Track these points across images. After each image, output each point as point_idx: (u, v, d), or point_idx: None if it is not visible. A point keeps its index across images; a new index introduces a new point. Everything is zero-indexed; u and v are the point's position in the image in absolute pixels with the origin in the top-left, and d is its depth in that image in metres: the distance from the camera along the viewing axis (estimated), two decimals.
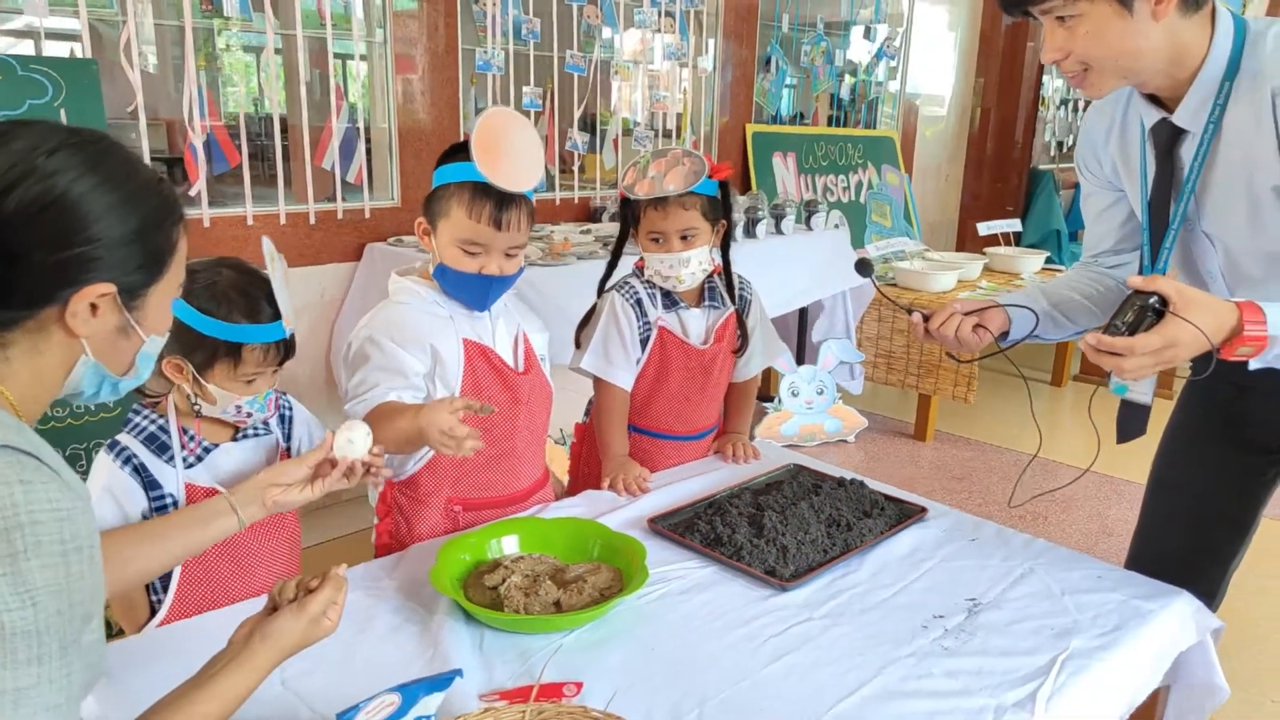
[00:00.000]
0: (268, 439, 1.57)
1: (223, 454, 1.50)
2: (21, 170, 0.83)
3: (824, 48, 5.21)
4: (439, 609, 1.40)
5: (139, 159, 0.93)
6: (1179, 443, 1.77)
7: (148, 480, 1.43)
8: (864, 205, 5.44)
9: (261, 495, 1.35)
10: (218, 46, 4.21)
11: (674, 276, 1.94)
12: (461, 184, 1.61)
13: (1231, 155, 1.40)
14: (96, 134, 0.91)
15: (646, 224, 1.93)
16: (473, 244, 1.62)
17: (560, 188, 4.16)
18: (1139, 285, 1.27)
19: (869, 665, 1.29)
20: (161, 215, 0.93)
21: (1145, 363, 1.26)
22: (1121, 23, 1.31)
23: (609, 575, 1.48)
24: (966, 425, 4.52)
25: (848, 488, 1.82)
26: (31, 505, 0.77)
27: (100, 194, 0.87)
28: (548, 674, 1.25)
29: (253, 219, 3.15)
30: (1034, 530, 3.39)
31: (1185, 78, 1.39)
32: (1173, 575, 1.55)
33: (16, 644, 0.76)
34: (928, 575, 1.55)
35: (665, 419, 2.07)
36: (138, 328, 0.94)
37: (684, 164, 1.88)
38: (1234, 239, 1.47)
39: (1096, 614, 1.43)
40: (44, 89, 2.52)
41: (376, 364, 1.64)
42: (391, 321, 1.67)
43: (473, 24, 3.67)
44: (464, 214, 1.61)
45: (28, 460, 0.79)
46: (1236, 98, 1.36)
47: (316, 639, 1.07)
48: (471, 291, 1.68)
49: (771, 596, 1.47)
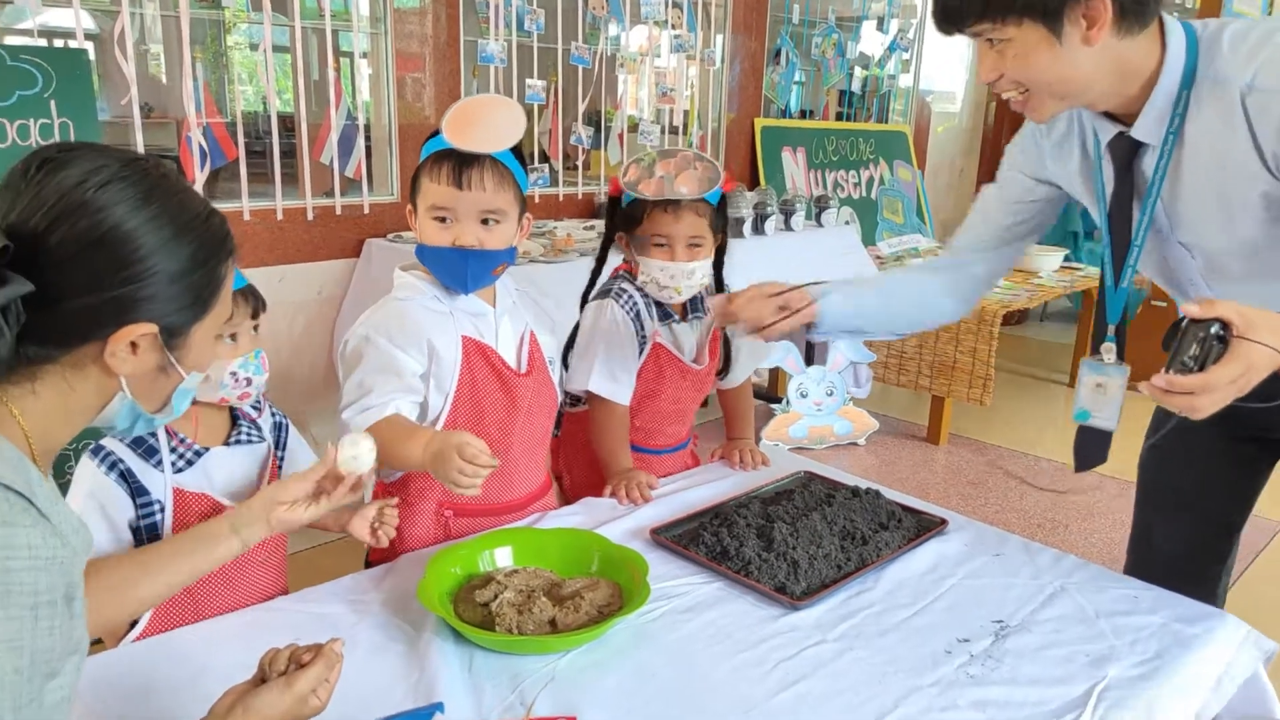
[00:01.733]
0: (260, 446, 1.50)
1: (214, 459, 1.42)
2: (70, 203, 0.79)
3: (835, 40, 5.11)
4: (427, 626, 1.32)
5: (191, 189, 0.90)
6: (1165, 439, 1.72)
7: (135, 486, 1.35)
8: (875, 201, 5.34)
9: (266, 515, 1.27)
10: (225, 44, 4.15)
11: (672, 287, 1.84)
12: (430, 155, 1.56)
13: (1199, 163, 1.35)
14: (150, 164, 0.86)
15: (651, 226, 1.82)
16: (438, 209, 1.55)
17: (564, 183, 4.07)
18: (1197, 313, 1.17)
19: (888, 695, 1.19)
20: (210, 252, 0.89)
21: (1222, 396, 1.16)
22: (1050, 49, 1.28)
23: (608, 591, 1.40)
24: (982, 428, 4.41)
25: (863, 498, 1.72)
26: (6, 550, 0.71)
27: (150, 231, 0.83)
28: (540, 703, 1.16)
29: (249, 214, 3.08)
30: (1055, 539, 3.28)
31: (1136, 93, 1.34)
32: (1174, 579, 1.51)
33: None
34: (950, 594, 1.45)
35: (649, 434, 1.99)
36: (178, 366, 0.90)
37: (696, 168, 1.79)
38: (1213, 244, 1.42)
39: (1135, 639, 1.33)
40: (34, 79, 2.45)
41: (372, 365, 1.57)
42: (389, 319, 1.59)
43: (475, 15, 3.59)
44: (428, 179, 1.55)
45: (16, 500, 0.74)
46: (1198, 105, 1.32)
47: (302, 719, 0.99)
48: (448, 267, 1.58)
49: (781, 616, 1.37)
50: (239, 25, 3.39)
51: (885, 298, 1.74)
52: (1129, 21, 1.28)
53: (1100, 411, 1.47)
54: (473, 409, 1.63)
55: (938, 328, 1.92)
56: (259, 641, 1.12)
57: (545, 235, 3.48)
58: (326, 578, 1.47)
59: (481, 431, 1.63)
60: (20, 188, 0.80)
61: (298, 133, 3.16)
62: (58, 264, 0.79)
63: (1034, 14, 1.26)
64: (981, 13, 1.29)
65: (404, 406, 1.55)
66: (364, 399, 1.54)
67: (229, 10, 3.08)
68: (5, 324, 0.76)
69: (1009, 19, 1.27)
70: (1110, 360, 1.46)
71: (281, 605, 1.40)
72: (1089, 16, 1.26)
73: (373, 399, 1.54)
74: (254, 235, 3.10)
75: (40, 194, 0.79)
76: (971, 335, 4.02)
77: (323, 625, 1.32)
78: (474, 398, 1.62)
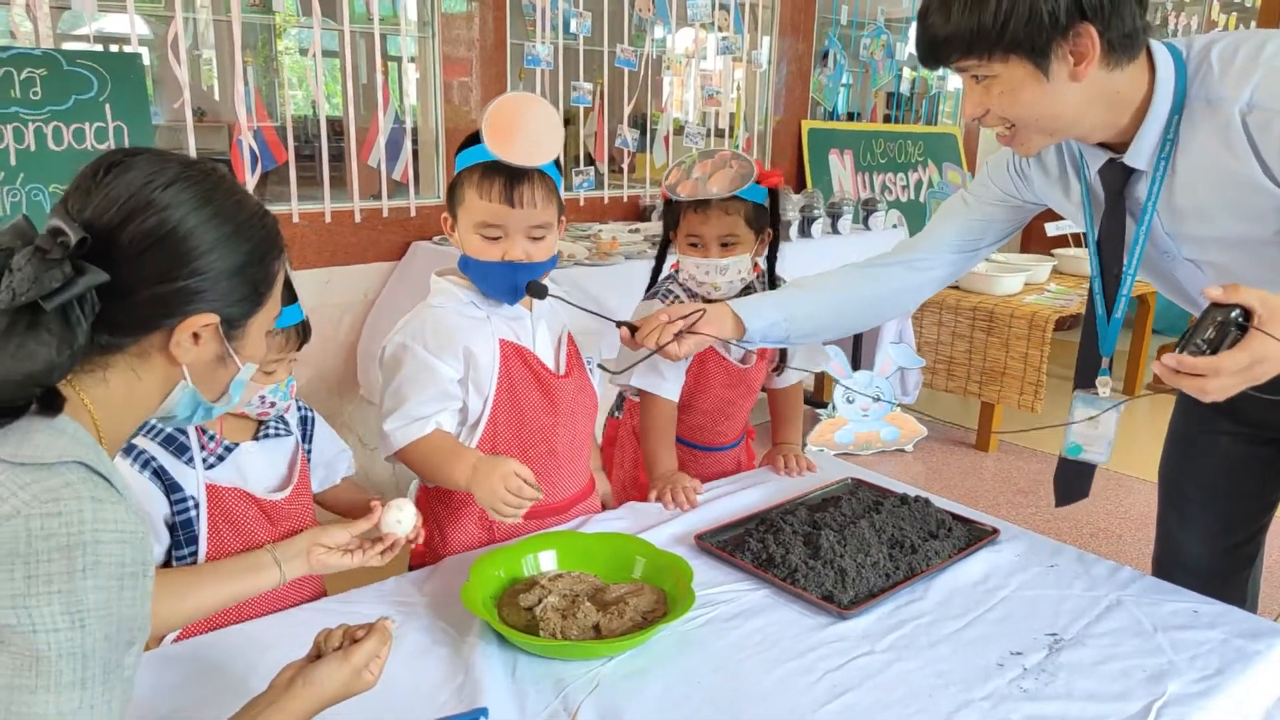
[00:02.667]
0: (288, 440, 1.52)
1: (244, 454, 1.45)
2: (138, 202, 0.85)
3: (884, 41, 5.05)
4: (471, 630, 1.32)
5: (245, 191, 0.96)
6: (1185, 442, 1.71)
7: (168, 484, 1.37)
8: (924, 205, 5.27)
9: (306, 552, 1.36)
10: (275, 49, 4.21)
11: (709, 283, 1.84)
12: (473, 167, 1.53)
13: (1194, 183, 1.34)
14: (208, 166, 0.93)
15: (685, 226, 1.83)
16: (489, 226, 1.53)
17: (609, 186, 4.07)
18: (1218, 297, 1.14)
19: (939, 709, 1.16)
20: (265, 249, 0.95)
21: (1231, 383, 1.14)
22: (1037, 85, 1.26)
23: (652, 597, 1.38)
24: (1032, 435, 4.32)
25: (911, 505, 1.69)
26: (98, 524, 0.77)
27: (210, 228, 0.88)
28: (584, 710, 1.15)
29: (298, 216, 3.12)
30: (1109, 550, 3.21)
31: (1127, 123, 1.33)
32: (1203, 583, 1.48)
33: (62, 666, 0.75)
34: (1002, 605, 1.41)
35: (698, 431, 1.98)
36: (235, 356, 0.96)
37: (731, 166, 1.78)
38: (1223, 259, 1.40)
39: (1194, 654, 1.28)
40: (90, 84, 2.49)
41: (409, 373, 1.57)
42: (424, 326, 1.59)
43: (522, 18, 3.60)
44: (476, 196, 1.53)
45: (100, 480, 0.80)
46: (1191, 127, 1.31)
47: (357, 691, 1.06)
48: (498, 282, 1.58)
49: (829, 625, 1.35)
50: (289, 30, 3.43)
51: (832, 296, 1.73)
52: (1117, 55, 1.26)
53: (1092, 446, 1.49)
54: (512, 411, 1.62)
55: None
56: (304, 640, 1.13)
57: (590, 238, 3.47)
58: (368, 581, 1.48)
59: (523, 434, 1.63)
60: (90, 188, 0.86)
61: (346, 136, 3.19)
62: (129, 257, 0.84)
63: (1020, 51, 1.24)
64: (967, 50, 1.27)
65: (445, 420, 1.57)
66: (404, 408, 1.55)
67: (279, 15, 3.12)
68: (82, 312, 0.81)
69: (994, 55, 1.26)
70: (1104, 394, 1.48)
71: (326, 606, 1.41)
72: (1076, 53, 1.24)
73: (412, 408, 1.55)
74: (302, 238, 3.14)
75: (111, 193, 0.85)
76: (1022, 340, 3.94)
77: None
78: (513, 400, 1.62)
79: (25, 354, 0.79)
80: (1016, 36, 1.22)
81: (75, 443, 0.82)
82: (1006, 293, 4.16)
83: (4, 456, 0.79)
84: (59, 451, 0.80)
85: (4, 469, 0.78)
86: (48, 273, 0.79)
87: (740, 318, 1.65)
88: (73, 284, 0.80)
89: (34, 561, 0.75)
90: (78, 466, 0.80)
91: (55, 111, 2.42)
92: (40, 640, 0.75)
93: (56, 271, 0.79)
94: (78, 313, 0.81)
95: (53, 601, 0.75)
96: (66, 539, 0.75)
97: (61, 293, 0.79)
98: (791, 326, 1.69)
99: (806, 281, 1.76)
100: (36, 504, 0.76)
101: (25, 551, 0.75)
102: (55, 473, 0.78)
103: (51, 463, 0.79)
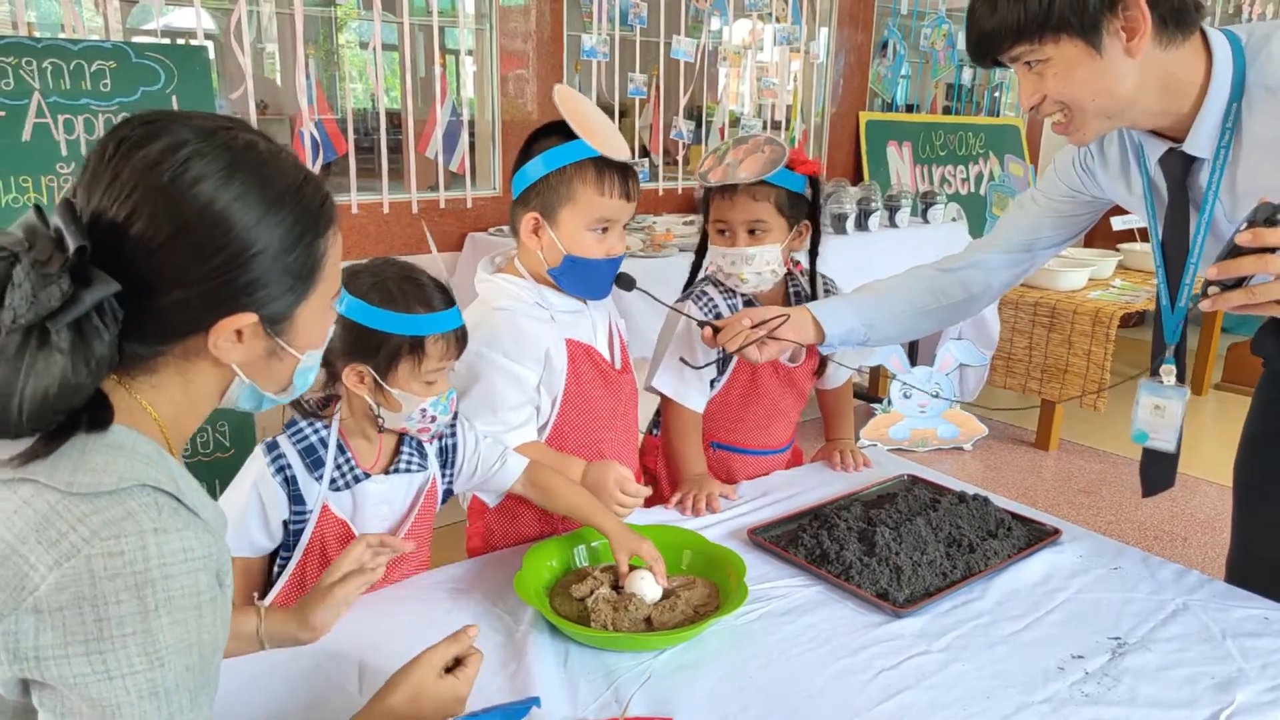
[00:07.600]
0: (419, 476, 1.46)
1: (366, 489, 1.40)
2: (147, 189, 0.74)
3: (945, 31, 4.96)
4: (524, 619, 1.32)
5: (280, 156, 0.81)
6: (1260, 442, 1.66)
7: (293, 494, 1.37)
8: (984, 197, 5.17)
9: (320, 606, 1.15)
10: (336, 42, 4.26)
11: (735, 274, 1.77)
12: (581, 164, 1.49)
13: (1257, 169, 1.31)
14: (228, 136, 0.78)
15: (714, 213, 1.78)
16: (606, 221, 1.53)
17: (664, 178, 4.06)
18: None
19: (996, 711, 1.14)
20: (306, 226, 0.81)
21: None
22: (1091, 63, 1.25)
23: (704, 591, 1.38)
24: (1094, 434, 4.23)
25: (969, 504, 1.66)
26: (164, 558, 0.71)
27: (236, 211, 0.76)
28: (635, 702, 1.15)
29: (357, 207, 3.17)
30: (1174, 553, 3.13)
31: (1187, 109, 1.31)
32: (1276, 589, 1.44)
33: (146, 708, 0.72)
34: (1063, 607, 1.38)
35: (751, 435, 1.94)
36: (288, 348, 0.85)
37: (764, 151, 1.71)
38: None
39: (1265, 663, 1.24)
40: (156, 76, 2.55)
41: (494, 383, 1.55)
42: (500, 332, 1.55)
43: (578, 10, 3.60)
44: (594, 193, 1.50)
45: (165, 501, 0.74)
46: (1250, 114, 1.29)
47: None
48: (598, 279, 1.58)
49: (884, 623, 1.33)
50: (349, 23, 3.47)
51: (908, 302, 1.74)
52: (1170, 31, 1.25)
53: (1159, 433, 1.47)
54: (579, 408, 1.63)
55: None
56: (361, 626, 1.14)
57: (644, 230, 3.47)
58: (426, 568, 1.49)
59: (586, 429, 1.64)
60: (99, 171, 0.75)
61: (404, 128, 3.23)
62: (144, 256, 0.74)
63: (1071, 29, 1.23)
64: (1017, 35, 1.27)
65: (531, 432, 1.59)
66: (499, 418, 1.55)
67: (340, 8, 3.16)
68: (103, 324, 0.72)
69: (1045, 37, 1.25)
70: (1170, 382, 1.45)
71: (385, 593, 1.42)
72: (1128, 28, 1.23)
73: (507, 417, 1.55)
74: (361, 228, 3.18)
75: (116, 180, 0.74)
76: (1085, 337, 3.85)
77: (424, 615, 1.34)
78: (580, 398, 1.62)
79: (38, 374, 0.69)
80: (1065, 15, 1.22)
81: (135, 459, 0.75)
82: (1070, 288, 4.06)
83: (58, 485, 0.72)
84: (119, 475, 0.73)
85: (60, 500, 0.71)
86: (45, 290, 0.69)
87: (820, 323, 1.66)
88: (76, 301, 0.70)
89: (102, 604, 0.69)
90: (140, 490, 0.73)
91: (124, 103, 2.47)
92: (118, 687, 0.70)
93: (54, 289, 0.69)
94: (96, 323, 0.72)
95: (128, 644, 0.70)
96: (134, 577, 0.70)
97: (64, 312, 0.69)
98: (871, 332, 1.70)
99: (880, 286, 1.75)
100: (97, 540, 0.70)
101: (92, 594, 0.69)
102: (116, 500, 0.72)
103: (111, 490, 0.72)
